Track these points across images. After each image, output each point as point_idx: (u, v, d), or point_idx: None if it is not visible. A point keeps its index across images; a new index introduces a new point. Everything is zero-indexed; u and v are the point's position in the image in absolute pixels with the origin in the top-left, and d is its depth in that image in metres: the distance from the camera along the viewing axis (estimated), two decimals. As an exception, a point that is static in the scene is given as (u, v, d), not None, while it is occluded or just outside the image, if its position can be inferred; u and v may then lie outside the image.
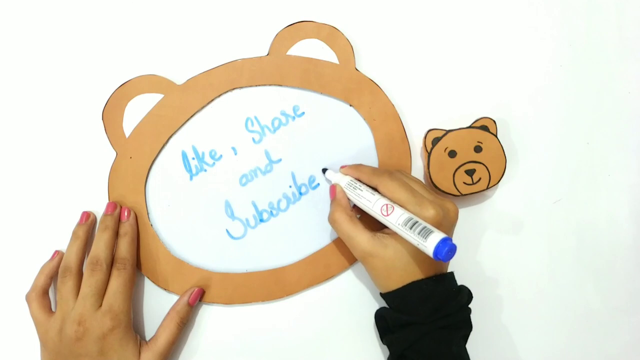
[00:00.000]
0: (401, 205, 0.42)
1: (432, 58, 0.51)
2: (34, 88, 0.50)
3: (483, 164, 0.48)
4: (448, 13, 0.51)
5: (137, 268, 0.48)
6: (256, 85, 0.50)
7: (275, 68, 0.49)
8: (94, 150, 0.49)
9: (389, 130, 0.50)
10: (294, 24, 0.49)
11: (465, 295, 0.45)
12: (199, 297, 0.48)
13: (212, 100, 0.49)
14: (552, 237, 0.51)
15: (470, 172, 0.48)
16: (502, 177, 0.48)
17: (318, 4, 0.50)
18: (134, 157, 0.49)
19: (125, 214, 0.48)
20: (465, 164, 0.48)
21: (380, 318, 0.46)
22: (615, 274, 0.52)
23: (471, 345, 0.45)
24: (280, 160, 0.50)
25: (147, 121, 0.49)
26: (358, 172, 0.46)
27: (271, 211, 0.49)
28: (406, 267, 0.43)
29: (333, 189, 0.47)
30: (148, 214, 0.49)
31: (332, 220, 0.45)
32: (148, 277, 0.48)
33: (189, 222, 0.49)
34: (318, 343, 0.50)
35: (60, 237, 0.48)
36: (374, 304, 0.50)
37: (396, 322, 0.44)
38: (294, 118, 0.50)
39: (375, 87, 0.50)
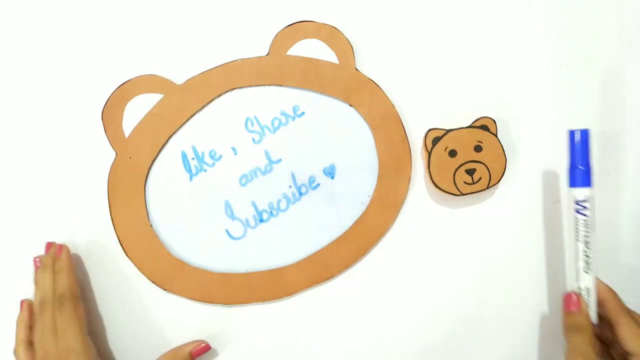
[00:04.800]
0: (633, 353, 0.40)
1: (432, 58, 0.51)
2: (34, 88, 0.50)
3: (483, 164, 0.48)
4: (448, 13, 0.51)
5: (137, 270, 0.48)
6: (256, 85, 0.50)
7: (275, 68, 0.49)
8: (93, 150, 0.49)
9: (389, 130, 0.50)
10: (294, 24, 0.49)
11: None
12: (203, 353, 0.47)
13: (212, 100, 0.49)
14: (552, 237, 0.51)
15: (470, 172, 0.48)
16: (502, 176, 0.48)
17: (318, 4, 0.50)
18: (134, 157, 0.49)
19: (56, 250, 0.47)
20: (465, 163, 0.48)
21: None
22: (615, 274, 0.52)
23: (471, 344, 0.45)
24: (280, 160, 0.50)
25: (146, 121, 0.49)
26: (612, 296, 0.43)
27: (271, 211, 0.49)
28: None
29: (570, 300, 0.43)
30: (148, 214, 0.49)
31: (569, 341, 0.42)
32: (148, 277, 0.48)
33: (189, 222, 0.49)
34: (318, 343, 0.50)
35: (59, 237, 0.48)
36: (373, 304, 0.50)
37: None
38: (294, 118, 0.50)
39: (375, 87, 0.50)
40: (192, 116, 0.49)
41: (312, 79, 0.49)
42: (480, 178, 0.48)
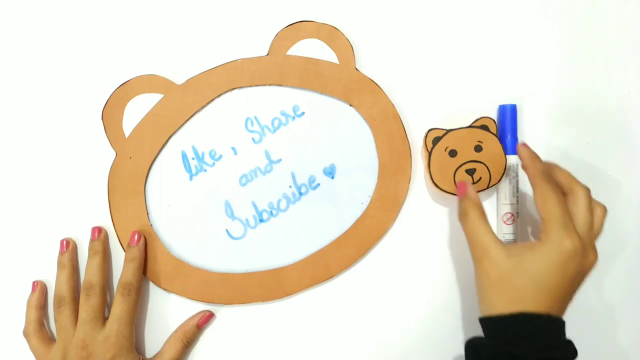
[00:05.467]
0: (544, 221, 0.40)
1: (432, 58, 0.51)
2: (34, 88, 0.50)
3: (483, 164, 0.48)
4: (448, 13, 0.51)
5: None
6: (256, 85, 0.50)
7: (275, 68, 0.49)
8: (93, 150, 0.49)
9: (389, 130, 0.50)
10: (294, 24, 0.49)
11: (572, 351, 0.40)
12: (208, 321, 0.48)
13: (212, 100, 0.49)
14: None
15: (470, 172, 0.48)
16: (502, 176, 0.48)
17: (318, 4, 0.50)
18: (134, 157, 0.49)
19: (136, 238, 0.47)
20: (465, 163, 0.48)
21: (473, 349, 0.41)
22: (615, 274, 0.52)
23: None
24: (280, 160, 0.50)
25: (146, 121, 0.49)
26: (531, 162, 0.42)
27: (271, 211, 0.49)
28: (522, 288, 0.38)
29: (462, 186, 0.45)
30: (148, 214, 0.49)
31: (463, 214, 0.43)
32: (148, 277, 0.48)
33: (188, 222, 0.49)
34: (318, 343, 0.50)
35: (59, 237, 0.48)
36: (373, 304, 0.50)
37: (493, 355, 0.39)
38: (294, 118, 0.50)
39: (375, 87, 0.50)
40: (192, 116, 0.49)
41: (312, 79, 0.49)
42: (480, 178, 0.48)
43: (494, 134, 0.48)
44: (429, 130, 0.49)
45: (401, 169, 0.49)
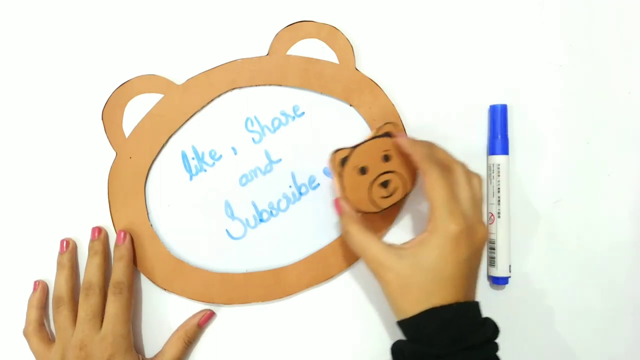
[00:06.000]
0: (430, 208, 0.40)
1: (432, 58, 0.51)
2: (34, 88, 0.50)
3: (395, 172, 0.45)
4: (448, 13, 0.51)
5: (137, 269, 0.48)
6: (256, 85, 0.50)
7: (275, 68, 0.49)
8: (93, 150, 0.49)
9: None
10: (293, 24, 0.49)
11: (490, 328, 0.41)
12: (209, 320, 0.49)
13: (212, 100, 0.49)
14: (552, 237, 0.51)
15: (385, 184, 0.45)
16: (417, 178, 0.46)
17: (318, 4, 0.50)
18: (134, 157, 0.49)
19: (122, 236, 0.47)
20: (378, 177, 0.45)
21: (398, 352, 0.41)
22: (615, 274, 0.52)
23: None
24: (280, 160, 0.50)
25: (146, 121, 0.49)
26: (412, 148, 0.42)
27: (271, 211, 0.49)
28: (424, 286, 0.39)
29: (337, 204, 0.45)
30: (148, 214, 0.49)
31: (345, 232, 0.44)
32: (148, 277, 0.48)
33: (189, 222, 0.49)
34: (318, 343, 0.50)
35: (59, 237, 0.48)
36: (373, 304, 0.50)
37: (413, 356, 0.39)
38: (294, 118, 0.50)
39: (375, 87, 0.50)
40: (192, 116, 0.49)
41: (312, 79, 0.49)
42: (396, 188, 0.45)
43: (399, 135, 0.45)
44: (334, 152, 0.45)
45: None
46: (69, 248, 0.48)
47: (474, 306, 0.41)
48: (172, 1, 0.50)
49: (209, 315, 0.49)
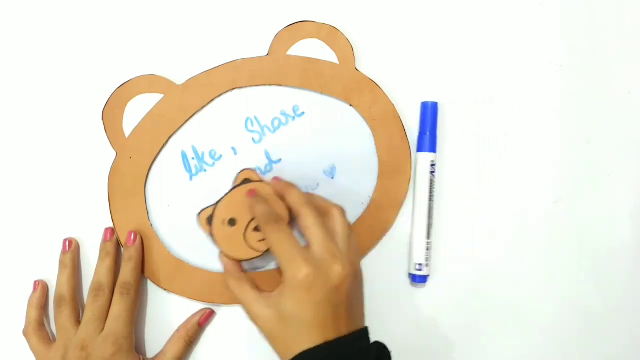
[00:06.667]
0: (276, 257, 0.40)
1: (433, 58, 0.51)
2: (34, 88, 0.50)
3: None
4: (448, 13, 0.51)
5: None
6: (256, 85, 0.50)
7: (275, 68, 0.49)
8: (93, 150, 0.49)
9: (389, 130, 0.50)
10: (293, 24, 0.49)
11: (373, 354, 0.40)
12: (210, 318, 0.49)
13: (212, 100, 0.49)
14: (552, 237, 0.51)
15: (258, 228, 0.45)
16: (290, 212, 0.44)
17: (318, 4, 0.50)
18: (134, 157, 0.49)
19: (132, 237, 0.47)
20: (248, 224, 0.45)
21: None
22: (615, 274, 0.52)
23: (470, 344, 0.45)
24: (280, 160, 0.50)
25: (147, 121, 0.49)
26: (289, 192, 0.44)
27: (271, 211, 0.49)
28: (290, 333, 0.39)
29: (221, 258, 0.45)
30: (148, 214, 0.49)
31: (226, 287, 0.44)
32: (148, 277, 0.48)
33: (189, 222, 0.49)
34: (318, 343, 0.50)
35: (59, 237, 0.48)
36: (373, 304, 0.50)
37: None
38: (294, 118, 0.50)
39: (375, 87, 0.50)
40: (192, 116, 0.49)
41: (312, 79, 0.49)
42: None
43: (258, 180, 0.46)
44: (198, 214, 0.46)
45: (401, 169, 0.49)
46: (71, 248, 0.48)
47: (351, 338, 0.40)
48: (172, 1, 0.50)
49: (209, 314, 0.49)
